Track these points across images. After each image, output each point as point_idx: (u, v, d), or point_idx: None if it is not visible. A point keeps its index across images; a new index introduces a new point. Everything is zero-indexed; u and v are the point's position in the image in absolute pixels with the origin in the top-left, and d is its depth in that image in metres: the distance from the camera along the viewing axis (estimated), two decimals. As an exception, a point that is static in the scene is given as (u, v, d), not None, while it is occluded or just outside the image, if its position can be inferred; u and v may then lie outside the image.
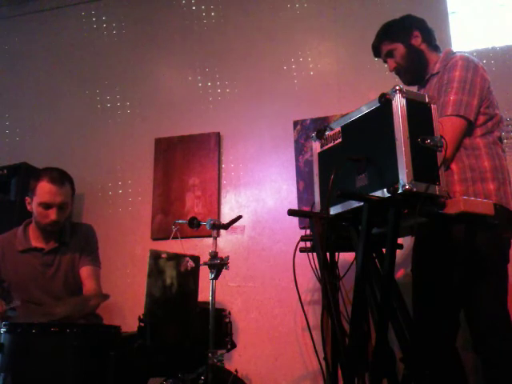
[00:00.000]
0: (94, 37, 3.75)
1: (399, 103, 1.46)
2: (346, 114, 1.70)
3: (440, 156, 1.49)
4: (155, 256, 1.84)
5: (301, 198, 3.00)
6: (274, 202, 3.09)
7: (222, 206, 3.17)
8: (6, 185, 3.16)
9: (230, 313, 2.22)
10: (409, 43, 2.07)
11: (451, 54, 2.02)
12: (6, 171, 3.17)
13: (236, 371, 2.17)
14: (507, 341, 1.72)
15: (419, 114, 1.50)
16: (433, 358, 1.60)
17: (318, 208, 1.77)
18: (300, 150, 3.09)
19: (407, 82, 2.11)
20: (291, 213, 1.74)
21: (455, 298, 1.68)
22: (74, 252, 2.41)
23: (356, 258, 1.60)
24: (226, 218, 3.04)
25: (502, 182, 1.85)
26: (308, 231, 1.86)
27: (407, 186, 1.39)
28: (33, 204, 2.31)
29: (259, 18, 3.44)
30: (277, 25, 3.40)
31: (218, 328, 2.02)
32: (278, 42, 3.36)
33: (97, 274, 2.44)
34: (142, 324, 1.76)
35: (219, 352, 1.92)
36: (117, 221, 3.28)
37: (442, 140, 1.49)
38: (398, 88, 1.47)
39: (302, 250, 1.84)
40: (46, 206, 2.26)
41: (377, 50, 2.17)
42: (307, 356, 2.74)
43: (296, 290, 1.81)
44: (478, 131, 1.88)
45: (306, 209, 2.65)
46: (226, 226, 2.15)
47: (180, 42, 3.57)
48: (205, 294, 2.00)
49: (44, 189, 2.26)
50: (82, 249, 2.43)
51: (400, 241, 1.89)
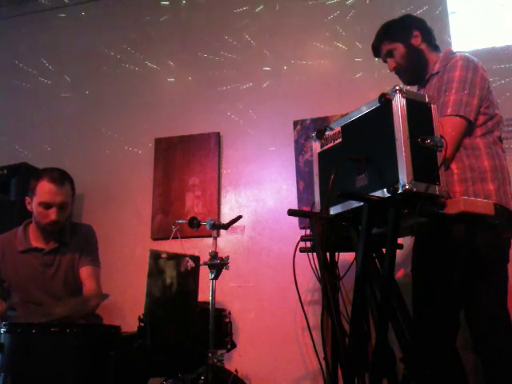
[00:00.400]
0: (93, 37, 3.74)
1: (399, 103, 1.46)
2: (346, 114, 1.70)
3: (440, 156, 1.49)
4: (155, 256, 1.84)
5: (301, 198, 3.00)
6: (273, 202, 3.09)
7: (222, 206, 3.17)
8: (6, 185, 3.16)
9: (229, 313, 2.21)
10: (408, 43, 2.07)
11: (451, 53, 2.02)
12: (5, 171, 3.17)
13: (236, 371, 2.17)
14: (507, 341, 1.72)
15: (419, 114, 1.50)
16: (433, 357, 1.60)
17: (318, 208, 1.77)
18: (300, 150, 3.09)
19: (407, 82, 2.11)
20: (291, 213, 1.74)
21: (455, 297, 1.68)
22: (74, 252, 2.41)
23: (356, 258, 1.60)
24: (226, 218, 3.04)
25: (502, 182, 1.85)
26: (308, 231, 1.86)
27: (407, 186, 1.39)
28: (33, 204, 2.31)
29: (259, 18, 3.44)
30: (277, 24, 3.40)
31: (217, 328, 2.02)
32: (278, 41, 3.36)
33: (97, 274, 2.44)
34: (142, 324, 1.76)
35: (219, 352, 1.92)
36: (117, 221, 3.28)
37: (442, 140, 1.49)
38: (398, 88, 1.47)
39: (302, 250, 1.84)
40: (46, 205, 2.26)
41: (377, 50, 2.17)
42: (307, 356, 2.74)
43: (296, 290, 1.81)
44: (478, 131, 1.88)
45: (306, 209, 2.65)
46: (226, 226, 2.15)
47: (180, 42, 3.57)
48: (205, 294, 2.00)
49: (44, 188, 2.26)
50: (82, 249, 2.43)
51: (400, 241, 1.89)
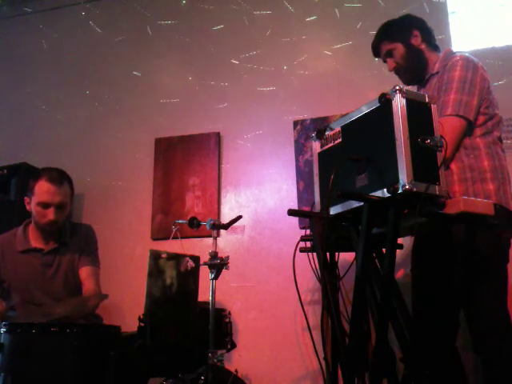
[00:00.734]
0: (93, 37, 3.74)
1: (399, 103, 1.46)
2: (346, 114, 1.69)
3: (440, 156, 1.49)
4: (155, 256, 1.84)
5: (301, 198, 3.00)
6: (273, 202, 3.09)
7: (222, 206, 3.17)
8: (6, 185, 3.16)
9: (230, 313, 2.22)
10: (408, 43, 2.07)
11: (451, 53, 2.02)
12: (5, 171, 3.17)
13: (236, 371, 2.17)
14: (507, 341, 1.72)
15: (419, 113, 1.50)
16: (433, 357, 1.60)
17: (318, 208, 1.77)
18: (300, 149, 3.09)
19: (407, 82, 2.11)
20: (291, 213, 1.74)
21: (455, 297, 1.68)
22: (74, 252, 2.40)
23: (356, 258, 1.60)
24: (226, 218, 3.04)
25: (502, 182, 1.85)
26: (308, 231, 1.86)
27: (407, 186, 1.39)
28: (32, 204, 2.31)
29: (259, 18, 3.44)
30: (277, 24, 3.40)
31: (218, 328, 2.02)
32: (278, 41, 3.36)
33: (96, 275, 2.43)
34: (142, 324, 1.76)
35: (219, 352, 1.92)
36: (117, 221, 3.28)
37: (442, 140, 1.49)
38: (397, 88, 1.47)
39: (302, 250, 1.84)
40: (45, 205, 2.26)
41: (376, 50, 2.17)
42: (307, 356, 2.74)
43: (296, 290, 1.81)
44: (478, 131, 1.88)
45: (306, 209, 2.65)
46: (226, 226, 2.15)
47: (180, 42, 3.57)
48: (205, 294, 2.00)
49: (42, 188, 2.26)
50: (82, 249, 2.43)
51: (400, 241, 1.89)
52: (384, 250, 1.59)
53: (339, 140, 1.71)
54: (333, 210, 1.66)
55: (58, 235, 2.40)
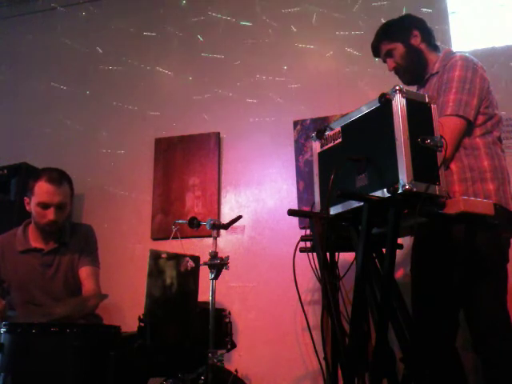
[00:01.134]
0: (93, 37, 3.74)
1: (399, 103, 1.46)
2: (346, 114, 1.70)
3: (440, 156, 1.49)
4: (155, 256, 1.84)
5: (301, 198, 3.00)
6: (273, 202, 3.09)
7: (222, 206, 3.17)
8: (6, 185, 3.16)
9: (229, 313, 2.21)
10: (408, 43, 2.07)
11: (451, 53, 2.02)
12: (6, 171, 3.17)
13: (236, 371, 2.17)
14: (507, 341, 1.72)
15: (419, 113, 1.50)
16: (433, 357, 1.60)
17: (317, 208, 1.77)
18: (300, 149, 3.09)
19: (407, 82, 2.11)
20: (291, 213, 1.74)
21: (455, 297, 1.68)
22: (74, 252, 2.40)
23: (356, 257, 1.60)
24: (226, 218, 3.04)
25: (502, 182, 1.85)
26: (308, 231, 1.86)
27: (407, 186, 1.39)
28: (31, 204, 2.31)
29: (259, 18, 3.44)
30: (277, 24, 3.40)
31: (217, 328, 2.02)
32: (278, 41, 3.36)
33: (96, 275, 2.43)
34: (142, 324, 1.76)
35: (219, 352, 1.92)
36: (117, 221, 3.28)
37: (442, 140, 1.49)
38: (397, 88, 1.47)
39: (302, 250, 1.84)
40: (44, 205, 2.26)
41: (376, 50, 2.17)
42: (307, 356, 2.74)
43: (296, 290, 1.81)
44: (478, 131, 1.88)
45: (306, 209, 2.65)
46: (226, 226, 2.15)
47: (180, 42, 3.57)
48: (205, 294, 2.00)
49: (42, 188, 2.26)
50: (82, 249, 2.43)
51: (400, 241, 1.89)
52: (384, 250, 1.59)
53: (339, 140, 1.71)
54: (333, 210, 1.66)
55: (58, 235, 2.40)
